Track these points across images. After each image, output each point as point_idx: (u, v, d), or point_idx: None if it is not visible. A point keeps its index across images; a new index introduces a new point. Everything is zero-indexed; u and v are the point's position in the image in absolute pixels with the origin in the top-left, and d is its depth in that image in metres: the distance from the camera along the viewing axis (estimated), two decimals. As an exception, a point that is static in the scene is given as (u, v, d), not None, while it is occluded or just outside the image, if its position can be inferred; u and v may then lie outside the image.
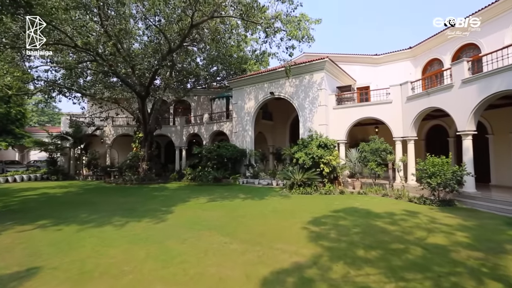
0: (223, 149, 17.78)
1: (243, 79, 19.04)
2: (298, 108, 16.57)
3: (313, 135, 14.83)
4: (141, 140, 20.51)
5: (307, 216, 8.28)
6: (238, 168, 18.72)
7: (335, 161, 14.03)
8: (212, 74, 25.01)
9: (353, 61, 19.92)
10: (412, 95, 12.97)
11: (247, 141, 18.91)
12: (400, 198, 11.20)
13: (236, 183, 17.28)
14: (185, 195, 13.15)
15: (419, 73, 17.36)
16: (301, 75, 16.50)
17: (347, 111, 15.45)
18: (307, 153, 14.02)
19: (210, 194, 13.23)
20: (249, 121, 18.87)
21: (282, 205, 10.18)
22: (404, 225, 7.05)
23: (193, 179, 18.86)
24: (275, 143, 23.22)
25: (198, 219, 8.13)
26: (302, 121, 16.33)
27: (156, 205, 10.55)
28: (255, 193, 13.38)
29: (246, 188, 15.16)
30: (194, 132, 23.76)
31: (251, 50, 23.11)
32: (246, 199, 11.56)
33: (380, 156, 12.95)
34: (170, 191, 14.84)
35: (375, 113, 14.50)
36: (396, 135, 13.79)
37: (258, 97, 18.45)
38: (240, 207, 9.97)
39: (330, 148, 14.27)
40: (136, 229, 6.98)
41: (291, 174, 14.03)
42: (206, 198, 11.92)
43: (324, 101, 15.61)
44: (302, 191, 13.01)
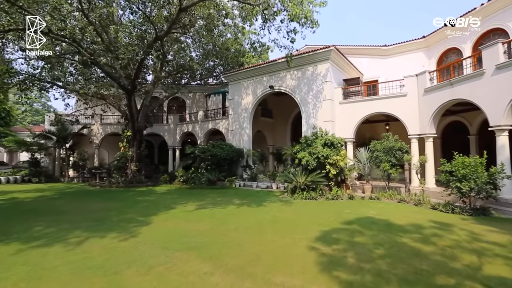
0: (218, 148, 16.18)
1: (240, 72, 17.46)
2: (300, 103, 14.97)
3: (317, 133, 13.22)
4: (130, 139, 18.92)
5: (313, 229, 6.66)
6: (234, 169, 17.11)
7: (342, 161, 12.42)
8: (208, 69, 23.47)
9: (359, 53, 18.31)
10: (431, 86, 11.35)
11: (244, 140, 17.31)
12: (420, 205, 9.58)
13: (232, 186, 15.66)
14: (172, 200, 11.54)
15: (433, 64, 15.73)
16: (303, 67, 14.91)
17: (355, 106, 13.84)
18: (311, 152, 12.41)
19: (201, 199, 11.62)
20: (247, 118, 17.27)
21: (283, 214, 8.56)
22: (441, 244, 5.43)
23: (185, 181, 17.26)
24: (275, 143, 21.62)
25: (178, 234, 6.52)
26: (305, 118, 14.72)
27: (134, 213, 8.94)
28: (252, 198, 11.77)
29: (242, 192, 13.55)
30: (188, 131, 22.17)
31: (249, 43, 21.53)
32: (241, 206, 9.95)
33: (395, 156, 11.33)
34: (157, 195, 13.23)
35: (387, 108, 12.89)
36: (412, 132, 12.18)
37: (257, 92, 16.86)
38: (232, 216, 8.35)
39: (337, 147, 12.66)
40: (93, 250, 5.37)
41: (293, 176, 12.41)
42: (195, 205, 10.30)
43: (329, 95, 14.00)
44: (306, 195, 11.39)
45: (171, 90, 22.08)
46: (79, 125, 22.29)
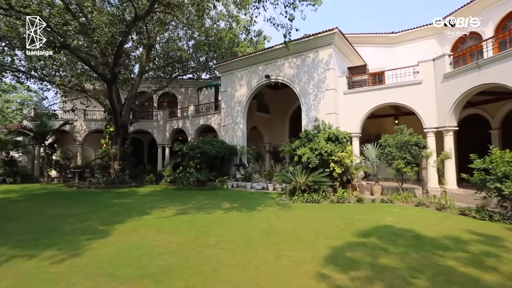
0: (208, 145, 14.53)
1: (233, 62, 15.84)
2: (300, 94, 13.36)
3: (320, 126, 11.62)
4: (112, 135, 17.22)
5: (320, 244, 5.04)
6: (226, 168, 15.46)
7: (348, 159, 10.83)
8: (200, 62, 21.85)
9: (364, 42, 16.74)
10: (453, 71, 9.78)
11: (238, 137, 15.67)
12: (444, 210, 7.98)
13: (223, 187, 14.01)
14: (152, 203, 9.87)
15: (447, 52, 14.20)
16: (303, 53, 13.31)
17: (361, 97, 12.25)
18: (313, 148, 10.81)
19: (185, 202, 9.97)
20: (241, 112, 15.64)
21: (280, 222, 6.92)
22: (505, 270, 3.82)
23: (173, 182, 15.59)
24: (272, 140, 20.01)
25: (138, 251, 4.86)
26: (305, 110, 13.11)
27: (97, 220, 7.26)
28: (244, 201, 10.13)
29: (234, 194, 11.90)
30: (178, 127, 20.51)
31: (244, 32, 19.93)
32: (230, 211, 8.30)
33: (410, 152, 9.74)
34: (136, 197, 11.55)
35: (399, 98, 11.32)
36: (428, 125, 10.61)
37: (251, 83, 15.24)
38: (217, 225, 6.71)
39: (342, 142, 11.06)
40: (2, 280, 3.71)
41: (292, 176, 10.79)
42: (176, 209, 8.65)
43: (332, 84, 12.41)
44: (307, 198, 9.77)
45: (160, 83, 20.46)
46: (61, 121, 20.58)
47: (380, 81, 13.96)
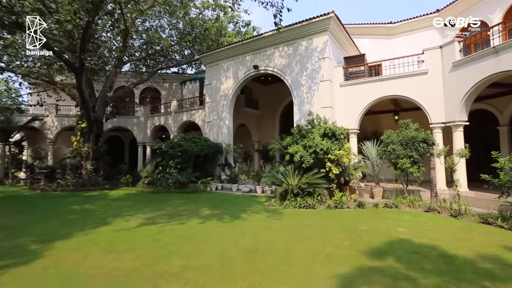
0: (190, 143, 13.05)
1: (218, 52, 14.39)
2: (291, 86, 12.06)
3: (314, 121, 10.33)
4: (85, 132, 15.52)
5: (322, 271, 3.70)
6: (211, 169, 14.01)
7: (346, 157, 9.57)
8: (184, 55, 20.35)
9: (360, 33, 15.60)
10: (463, 59, 8.66)
11: (223, 134, 14.24)
12: (461, 217, 6.79)
13: (206, 189, 12.56)
14: (117, 210, 8.34)
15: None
16: (296, 41, 12.02)
17: (360, 89, 11.05)
18: (306, 146, 9.50)
19: (158, 208, 8.49)
20: (226, 106, 14.22)
21: (269, 236, 5.56)
22: None
23: (151, 183, 14.03)
24: (261, 138, 18.66)
25: (64, 285, 3.41)
26: (297, 104, 11.82)
27: (37, 235, 5.72)
28: (228, 206, 8.73)
29: (217, 198, 10.49)
30: (160, 124, 18.91)
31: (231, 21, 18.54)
32: (209, 220, 6.89)
33: (417, 150, 8.56)
34: (104, 202, 9.98)
35: (401, 89, 10.16)
36: (435, 120, 9.48)
37: (238, 74, 13.84)
38: (188, 241, 5.30)
39: (340, 139, 9.81)
40: None
41: (283, 177, 9.47)
42: (144, 218, 7.18)
43: (327, 75, 11.16)
44: (300, 203, 8.44)
45: (140, 77, 18.82)
46: (29, 116, 18.67)
47: (377, 74, 12.77)
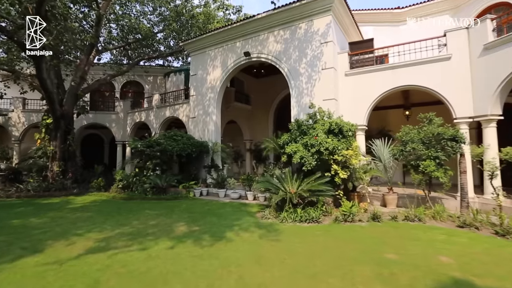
0: (170, 141, 11.24)
1: (205, 37, 12.60)
2: (288, 76, 10.38)
3: (317, 114, 8.66)
4: (51, 128, 13.52)
5: None
6: (195, 171, 12.21)
7: (355, 158, 7.95)
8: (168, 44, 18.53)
9: (364, 20, 14.03)
10: (500, 38, 7.13)
11: (210, 131, 12.46)
12: (511, 236, 5.24)
13: (189, 195, 10.76)
14: (69, 226, 6.50)
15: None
16: (294, 23, 10.35)
17: (368, 79, 9.45)
18: (308, 144, 7.84)
19: (122, 223, 6.69)
20: (214, 99, 12.45)
21: (263, 273, 3.84)
22: None
23: (127, 188, 12.14)
24: (253, 137, 16.95)
25: None
26: (295, 96, 10.15)
27: None
28: (211, 219, 6.98)
29: (199, 207, 8.72)
30: (141, 121, 17.00)
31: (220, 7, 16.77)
32: (183, 242, 5.14)
33: (444, 150, 7.00)
34: (58, 213, 8.08)
35: (418, 78, 8.59)
36: (460, 114, 7.94)
37: (227, 63, 12.09)
38: (139, 286, 3.54)
39: (347, 136, 8.18)
40: None
41: (279, 182, 7.78)
42: (97, 238, 5.38)
43: (331, 62, 9.52)
44: (301, 215, 6.76)
45: (119, 68, 16.90)
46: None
47: (383, 63, 11.17)
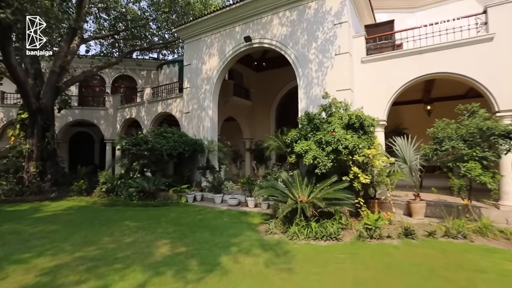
0: (160, 138, 9.82)
1: (200, 22, 11.18)
2: (295, 63, 8.98)
3: (331, 105, 7.25)
4: (27, 124, 12.09)
5: None
6: (188, 172, 10.78)
7: (378, 160, 6.59)
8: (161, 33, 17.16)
9: (378, 6, 12.55)
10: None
11: (205, 127, 11.06)
12: None
13: (180, 201, 9.32)
14: (17, 246, 5.09)
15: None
16: (301, 2, 8.95)
17: (390, 66, 8.05)
18: (323, 141, 6.45)
19: (90, 240, 5.28)
20: (209, 92, 11.04)
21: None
22: None
23: (112, 191, 10.72)
24: (254, 135, 15.54)
25: None
26: (303, 86, 8.75)
27: None
28: (203, 235, 5.57)
29: (191, 216, 7.31)
30: (131, 117, 15.58)
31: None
32: (159, 275, 3.73)
33: (493, 148, 5.63)
34: (15, 226, 6.64)
35: (451, 64, 7.21)
36: (504, 106, 6.56)
37: (225, 50, 10.69)
38: None
39: (369, 132, 6.82)
40: None
41: (287, 188, 6.39)
42: (42, 269, 3.97)
43: (346, 46, 8.14)
44: (316, 231, 5.35)
45: (107, 59, 15.49)
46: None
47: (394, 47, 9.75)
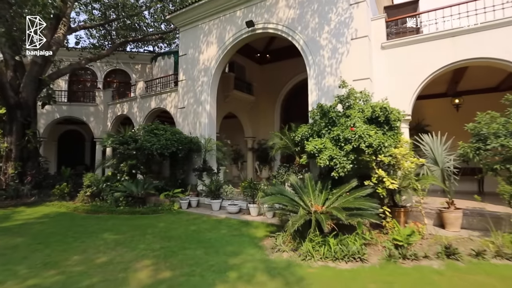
0: (150, 136, 8.67)
1: (197, 6, 10.02)
2: (305, 50, 7.82)
3: (349, 95, 6.08)
4: (5, 121, 10.97)
5: None
6: (182, 174, 9.62)
7: (406, 162, 5.45)
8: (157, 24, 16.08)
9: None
10: None
11: (202, 124, 9.91)
12: None
13: (173, 208, 8.16)
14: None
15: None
16: (311, -20, 7.83)
17: (416, 52, 6.89)
18: (340, 139, 5.30)
19: (52, 261, 4.14)
20: (207, 85, 9.90)
21: None
22: None
23: (97, 195, 9.58)
24: (257, 134, 14.36)
25: None
26: (314, 76, 7.59)
27: None
28: (194, 252, 4.42)
29: (183, 227, 6.17)
30: (123, 114, 14.46)
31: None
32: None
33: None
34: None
35: (492, 49, 6.07)
36: None
37: (224, 38, 9.54)
38: None
39: (395, 128, 5.67)
40: None
41: (297, 194, 5.25)
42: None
43: (364, 29, 6.99)
44: (335, 249, 4.23)
45: (97, 50, 14.38)
46: None
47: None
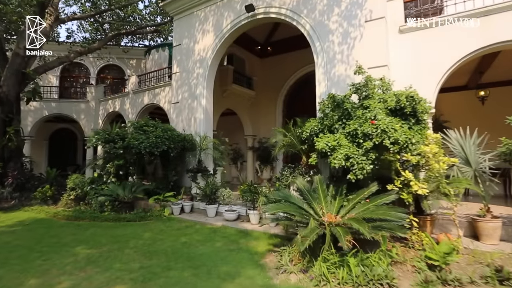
0: (139, 133, 7.78)
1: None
2: (312, 35, 6.92)
3: (367, 83, 5.18)
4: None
5: None
6: (175, 176, 8.70)
7: (437, 162, 4.56)
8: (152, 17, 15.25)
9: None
10: None
11: (197, 120, 9.01)
12: None
13: (163, 214, 7.30)
14: None
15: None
16: (319, -44, 6.92)
17: (440, 35, 5.97)
18: (357, 134, 4.40)
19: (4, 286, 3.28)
20: (203, 77, 8.99)
21: None
22: None
23: (82, 199, 8.71)
24: (257, 131, 13.45)
25: None
26: (322, 64, 6.69)
27: None
28: (180, 277, 3.52)
29: (171, 239, 5.28)
30: (115, 110, 13.59)
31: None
32: None
33: None
34: None
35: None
36: None
37: (222, 25, 8.64)
38: None
39: (422, 121, 4.77)
40: None
41: (305, 200, 4.36)
42: None
43: (379, 10, 6.10)
44: (357, 273, 3.33)
45: (87, 44, 13.51)
46: None
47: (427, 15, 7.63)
